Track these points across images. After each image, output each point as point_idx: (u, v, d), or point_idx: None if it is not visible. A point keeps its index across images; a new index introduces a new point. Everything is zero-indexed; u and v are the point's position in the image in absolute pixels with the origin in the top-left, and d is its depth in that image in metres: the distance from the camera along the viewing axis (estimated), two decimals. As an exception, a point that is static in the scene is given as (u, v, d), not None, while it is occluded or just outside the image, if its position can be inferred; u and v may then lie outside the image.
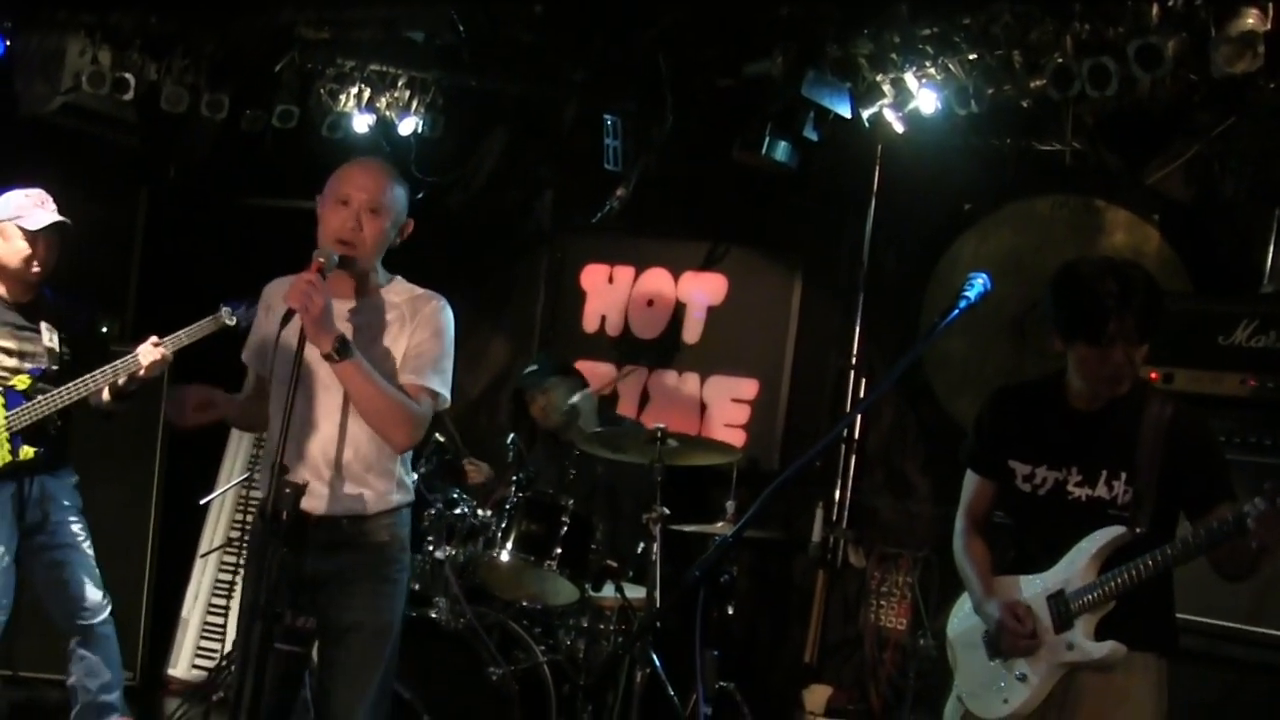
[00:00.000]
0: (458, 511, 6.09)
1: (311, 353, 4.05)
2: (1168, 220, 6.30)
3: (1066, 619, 4.00)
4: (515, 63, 7.22)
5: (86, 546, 5.90)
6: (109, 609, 5.94)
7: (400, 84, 7.40)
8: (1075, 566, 4.01)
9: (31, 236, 5.72)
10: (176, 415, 4.45)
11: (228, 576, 7.36)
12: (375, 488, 4.31)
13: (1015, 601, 4.13)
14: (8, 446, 5.60)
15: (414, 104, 7.44)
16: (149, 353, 5.53)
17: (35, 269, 5.76)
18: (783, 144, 6.58)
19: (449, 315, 4.38)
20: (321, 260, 4.06)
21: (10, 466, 5.62)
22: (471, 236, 8.21)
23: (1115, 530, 3.96)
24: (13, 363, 5.71)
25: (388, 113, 7.44)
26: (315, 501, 4.17)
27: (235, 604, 7.23)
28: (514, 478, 6.15)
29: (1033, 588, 4.12)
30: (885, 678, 6.90)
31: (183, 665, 7.27)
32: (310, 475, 4.13)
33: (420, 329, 4.30)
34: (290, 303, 3.96)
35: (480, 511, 6.11)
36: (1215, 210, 6.24)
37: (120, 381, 5.60)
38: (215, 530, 7.48)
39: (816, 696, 6.91)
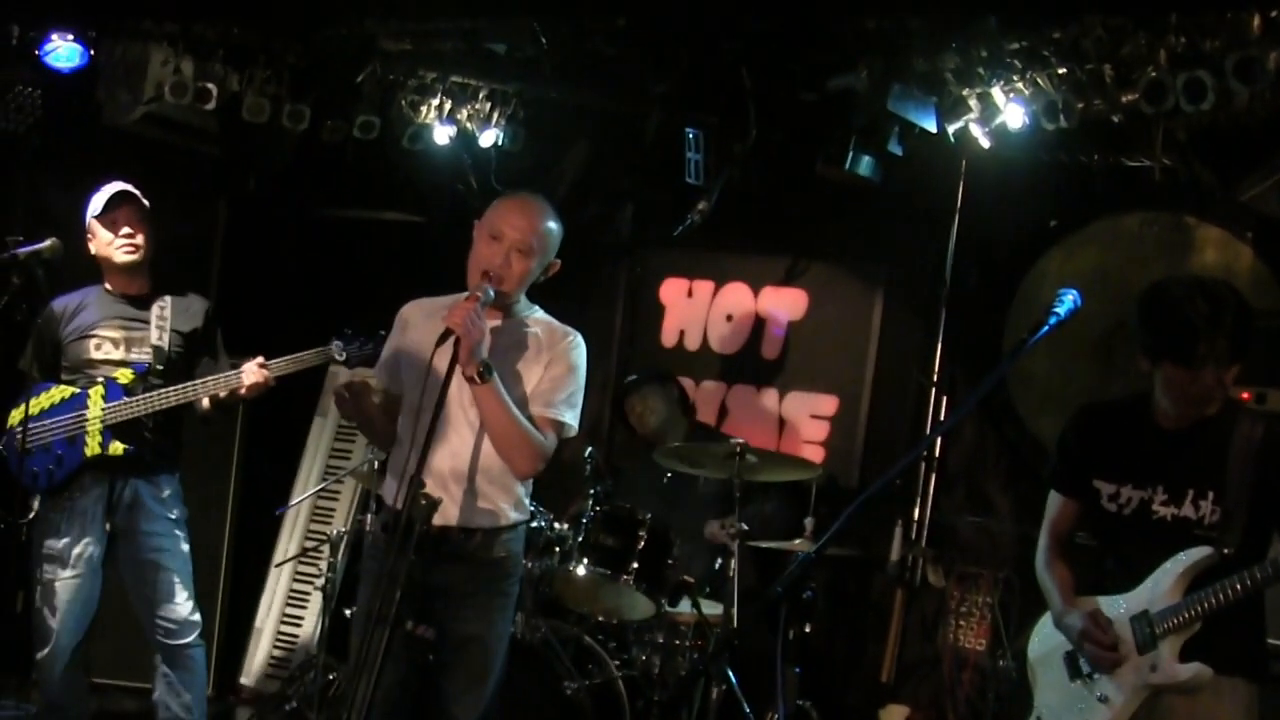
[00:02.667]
0: (534, 524, 6.06)
1: (453, 371, 4.16)
2: (1261, 237, 6.19)
3: (1150, 640, 3.92)
4: (597, 75, 7.19)
5: (174, 561, 5.76)
6: (197, 630, 5.84)
7: (481, 96, 7.37)
8: (1160, 587, 3.93)
9: (108, 221, 5.75)
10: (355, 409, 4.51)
11: (302, 586, 7.37)
12: (495, 504, 4.42)
13: (1097, 610, 4.06)
14: (99, 439, 5.60)
15: (495, 116, 7.42)
16: (253, 373, 5.57)
17: (124, 247, 5.75)
18: (866, 158, 6.50)
19: (584, 350, 4.56)
20: (479, 295, 4.24)
21: (99, 460, 5.61)
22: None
23: (1202, 550, 3.88)
24: (119, 354, 5.72)
25: (468, 125, 7.42)
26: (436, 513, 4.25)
27: (310, 614, 7.24)
28: (591, 491, 6.12)
29: (1116, 608, 4.05)
30: (963, 698, 6.80)
31: (255, 674, 7.28)
32: (435, 487, 4.17)
33: (556, 362, 4.46)
34: (451, 324, 4.11)
35: (557, 524, 6.08)
36: (1312, 228, 6.14)
37: (221, 395, 5.64)
38: (290, 540, 7.50)
39: (893, 716, 6.85)
